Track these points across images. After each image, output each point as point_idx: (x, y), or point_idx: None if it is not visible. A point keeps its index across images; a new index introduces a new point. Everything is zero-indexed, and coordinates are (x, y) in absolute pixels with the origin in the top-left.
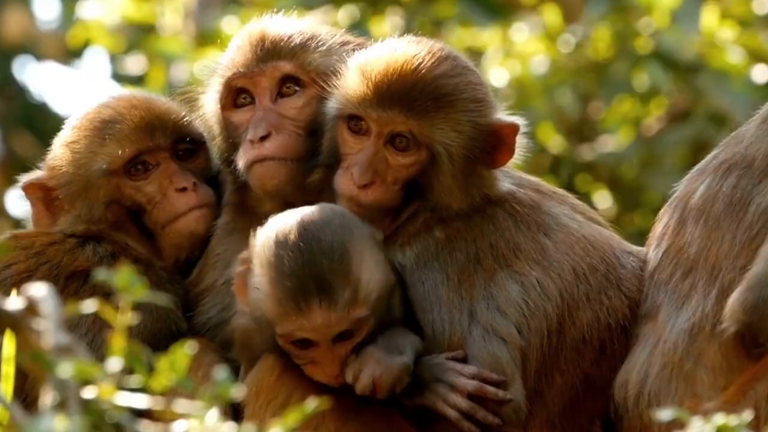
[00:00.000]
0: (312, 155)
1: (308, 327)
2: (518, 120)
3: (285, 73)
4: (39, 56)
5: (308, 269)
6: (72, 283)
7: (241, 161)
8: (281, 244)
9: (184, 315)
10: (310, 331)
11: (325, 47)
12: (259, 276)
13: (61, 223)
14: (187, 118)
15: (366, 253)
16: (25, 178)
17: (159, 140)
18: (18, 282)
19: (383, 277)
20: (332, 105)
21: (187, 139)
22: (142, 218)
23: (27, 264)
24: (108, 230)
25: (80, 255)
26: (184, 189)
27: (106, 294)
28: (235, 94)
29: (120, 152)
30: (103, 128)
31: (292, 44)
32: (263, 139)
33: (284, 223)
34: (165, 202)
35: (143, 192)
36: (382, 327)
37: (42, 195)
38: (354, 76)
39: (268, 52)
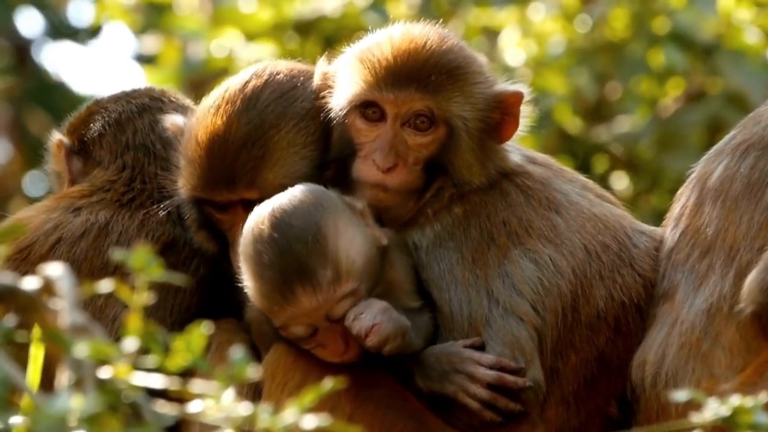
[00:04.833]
0: None
1: (299, 314)
2: (522, 87)
3: None
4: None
5: (285, 258)
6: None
7: None
8: (257, 237)
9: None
10: (302, 318)
11: None
12: (245, 273)
13: None
14: None
15: (341, 225)
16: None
17: None
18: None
19: (365, 243)
20: (340, 97)
21: None
22: None
23: None
24: None
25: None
26: None
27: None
28: None
29: None
30: None
31: None
32: None
33: (258, 215)
34: None
35: None
36: (376, 285)
37: None
38: (360, 64)
39: None
